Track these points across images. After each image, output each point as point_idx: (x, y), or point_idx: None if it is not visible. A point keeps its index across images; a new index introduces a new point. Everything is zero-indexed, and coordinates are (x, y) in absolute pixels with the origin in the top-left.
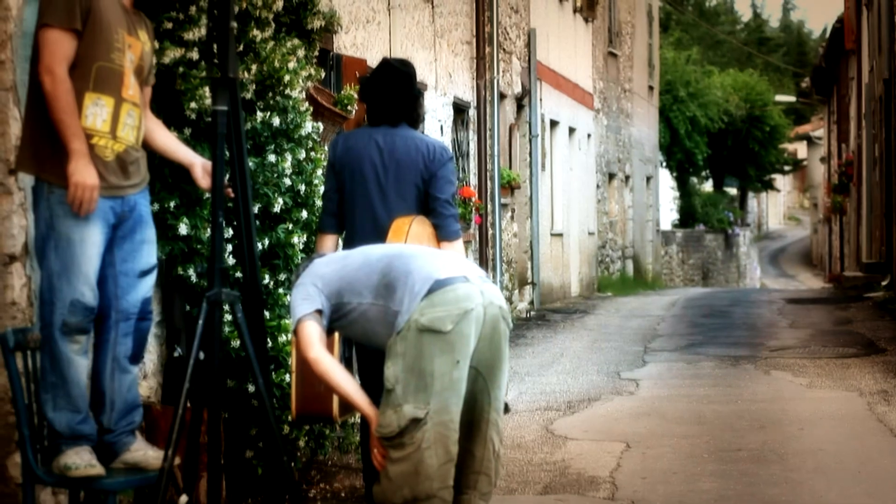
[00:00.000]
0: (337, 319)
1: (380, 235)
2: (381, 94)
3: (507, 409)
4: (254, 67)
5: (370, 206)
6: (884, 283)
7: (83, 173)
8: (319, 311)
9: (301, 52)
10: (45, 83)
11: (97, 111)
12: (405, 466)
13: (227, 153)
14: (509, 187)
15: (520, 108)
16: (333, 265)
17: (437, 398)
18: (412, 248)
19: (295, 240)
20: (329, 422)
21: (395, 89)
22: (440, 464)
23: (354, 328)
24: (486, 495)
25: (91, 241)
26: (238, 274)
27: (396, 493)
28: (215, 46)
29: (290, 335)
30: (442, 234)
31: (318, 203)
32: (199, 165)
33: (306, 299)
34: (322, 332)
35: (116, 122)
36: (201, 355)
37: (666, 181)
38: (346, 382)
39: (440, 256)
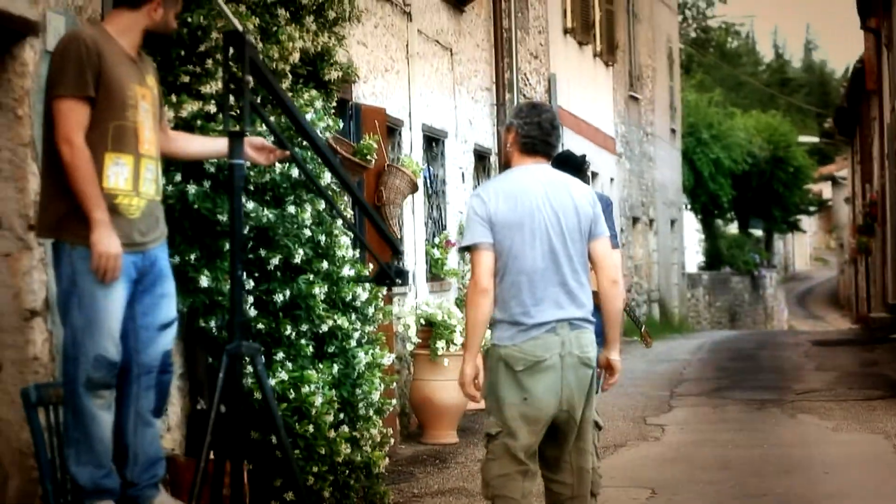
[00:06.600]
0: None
1: None
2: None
3: (598, 426)
4: (272, 119)
5: None
6: None
7: (107, 243)
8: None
9: (319, 104)
10: (64, 154)
11: (118, 170)
12: (483, 464)
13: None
14: None
15: None
16: (501, 214)
17: (508, 423)
18: (550, 261)
19: (316, 290)
20: None
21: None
22: (498, 475)
23: None
24: None
25: (114, 297)
26: (260, 325)
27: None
28: (232, 99)
29: (312, 386)
30: None
31: (339, 253)
32: (247, 149)
33: (482, 226)
34: (492, 264)
35: (138, 178)
36: (223, 408)
37: (691, 224)
38: (475, 333)
39: (554, 291)
